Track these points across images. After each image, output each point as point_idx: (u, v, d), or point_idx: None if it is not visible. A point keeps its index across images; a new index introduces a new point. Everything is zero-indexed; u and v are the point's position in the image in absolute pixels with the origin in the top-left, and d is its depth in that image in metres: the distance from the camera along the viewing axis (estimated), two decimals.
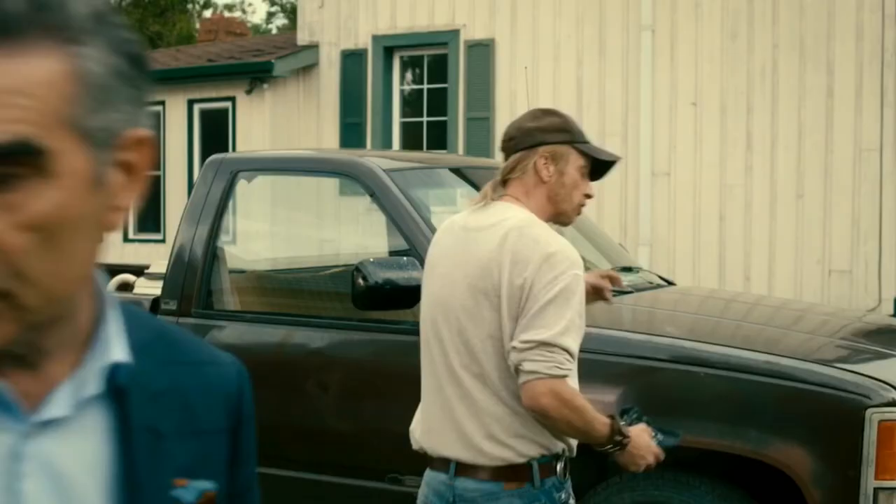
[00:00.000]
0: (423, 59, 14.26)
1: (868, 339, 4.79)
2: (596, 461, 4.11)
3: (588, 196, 3.39)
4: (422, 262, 4.42)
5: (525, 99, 12.89)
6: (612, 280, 3.86)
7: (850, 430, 3.86)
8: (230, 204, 5.14)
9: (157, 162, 15.43)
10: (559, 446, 3.19)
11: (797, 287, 11.69)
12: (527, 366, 3.02)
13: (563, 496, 3.20)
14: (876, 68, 11.46)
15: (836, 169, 11.65)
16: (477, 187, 5.38)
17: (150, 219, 15.56)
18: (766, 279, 11.84)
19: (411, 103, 14.50)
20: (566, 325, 3.03)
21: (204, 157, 14.19)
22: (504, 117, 13.27)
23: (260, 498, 1.41)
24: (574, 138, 3.34)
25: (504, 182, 3.34)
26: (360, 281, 4.28)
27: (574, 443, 3.24)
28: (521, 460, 3.14)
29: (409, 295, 4.35)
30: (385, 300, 4.30)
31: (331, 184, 5.47)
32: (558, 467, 3.19)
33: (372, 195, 4.75)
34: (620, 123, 12.64)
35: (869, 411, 3.84)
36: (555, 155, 3.30)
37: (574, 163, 3.32)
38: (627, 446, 3.20)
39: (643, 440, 3.25)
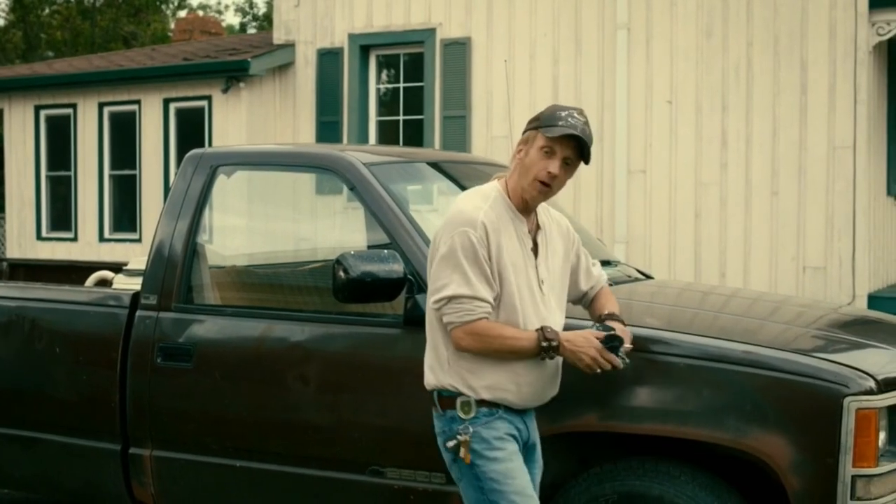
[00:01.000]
0: (399, 58, 14.27)
1: (844, 330, 4.83)
2: (577, 453, 4.15)
3: (549, 173, 3.84)
4: (402, 255, 4.46)
5: (505, 92, 12.92)
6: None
7: (828, 418, 3.88)
8: (210, 199, 5.14)
9: (133, 161, 15.39)
10: (460, 388, 3.81)
11: (772, 284, 11.76)
12: (445, 319, 3.79)
13: (459, 429, 3.78)
14: (849, 66, 11.55)
15: (810, 166, 11.72)
16: (455, 181, 5.42)
17: (126, 218, 15.51)
18: (742, 276, 11.90)
19: (387, 102, 14.51)
20: (462, 277, 3.73)
21: (180, 156, 14.18)
22: (480, 115, 13.31)
23: None
24: (540, 124, 3.88)
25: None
26: (341, 273, 4.28)
27: (479, 390, 3.79)
28: (430, 388, 3.92)
29: (390, 287, 4.37)
30: (366, 293, 4.31)
31: (311, 179, 5.46)
32: (458, 403, 3.80)
33: (352, 189, 4.76)
34: (596, 121, 12.66)
35: (847, 400, 3.87)
36: (526, 140, 3.92)
37: (537, 143, 3.87)
38: (560, 348, 3.80)
39: (580, 338, 3.82)
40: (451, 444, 3.81)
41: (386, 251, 4.41)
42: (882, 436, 3.97)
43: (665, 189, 12.32)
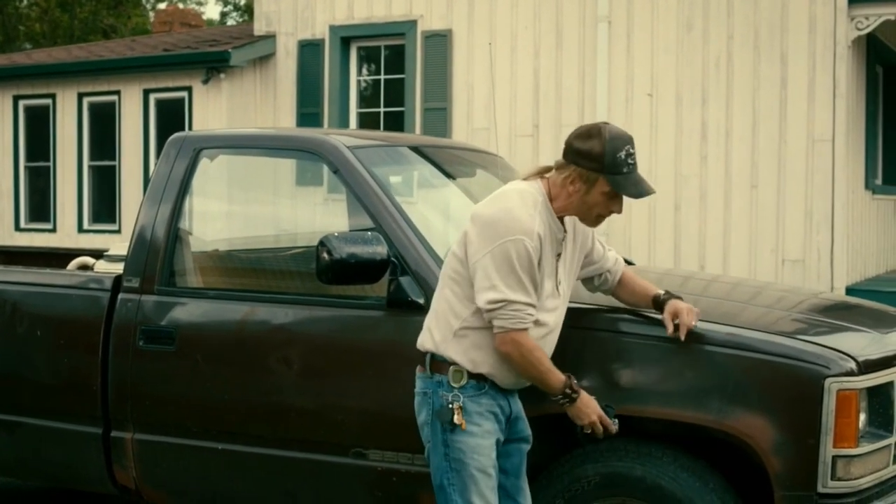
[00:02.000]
0: (380, 50, 14.27)
1: (825, 314, 4.85)
2: (560, 434, 4.17)
3: (612, 213, 3.94)
4: (386, 238, 4.47)
5: (486, 84, 12.92)
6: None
7: (809, 399, 3.90)
8: (193, 182, 5.13)
9: (113, 152, 15.34)
10: (459, 360, 3.87)
11: (751, 275, 11.80)
12: (497, 322, 3.81)
13: (448, 396, 3.86)
14: (828, 60, 11.60)
15: (790, 159, 11.77)
16: (438, 165, 5.43)
17: (106, 209, 15.46)
18: (721, 268, 11.95)
19: (368, 94, 14.50)
20: (518, 283, 3.78)
21: (160, 147, 14.10)
22: (461, 107, 13.31)
23: None
24: (604, 168, 3.82)
25: (550, 169, 4.00)
26: (325, 255, 4.28)
27: (478, 364, 3.87)
28: (423, 349, 3.96)
29: (374, 269, 4.37)
30: (349, 274, 4.31)
31: (295, 163, 5.46)
32: (450, 371, 3.88)
33: (336, 172, 4.75)
34: (577, 114, 12.70)
35: (828, 381, 3.89)
36: (583, 177, 3.86)
37: (600, 187, 3.86)
38: (576, 402, 3.90)
39: (592, 403, 3.93)
40: (443, 413, 3.85)
41: (370, 233, 4.41)
42: (862, 417, 3.99)
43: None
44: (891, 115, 14.06)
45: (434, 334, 3.95)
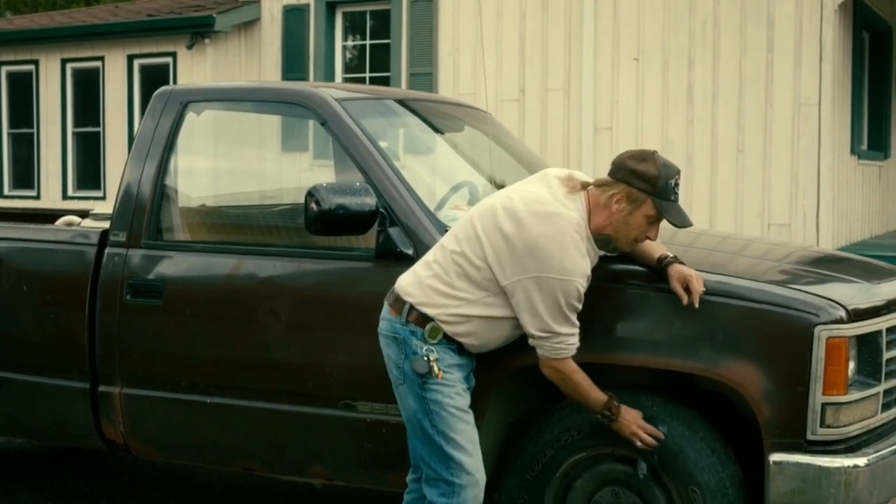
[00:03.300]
0: (365, 15, 14.20)
1: (813, 265, 4.86)
2: (550, 385, 4.16)
3: (647, 238, 4.02)
4: (375, 189, 4.45)
5: (472, 49, 12.87)
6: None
7: (799, 347, 3.90)
8: (179, 137, 5.09)
9: (97, 118, 15.26)
10: (435, 315, 3.93)
11: None
12: (541, 352, 3.93)
13: (421, 348, 3.93)
14: (815, 24, 11.58)
15: (776, 123, 11.77)
16: (424, 119, 5.41)
17: (90, 176, 15.39)
18: None
19: (354, 59, 14.44)
20: (564, 318, 3.86)
21: (144, 114, 14.06)
22: (447, 72, 13.27)
23: None
24: (656, 193, 3.89)
25: (591, 185, 3.99)
26: (313, 205, 4.26)
27: (457, 334, 3.95)
28: (405, 298, 3.99)
29: (362, 220, 4.35)
30: (338, 225, 4.30)
31: (282, 116, 5.42)
32: (427, 327, 3.93)
33: (323, 124, 4.73)
34: (563, 79, 12.67)
35: (818, 329, 3.89)
36: (630, 196, 3.91)
37: (645, 210, 3.93)
38: (616, 420, 4.01)
39: (631, 416, 4.04)
40: (419, 365, 3.95)
41: (358, 183, 4.39)
42: (851, 365, 4.00)
43: (631, 146, 12.25)
44: (876, 81, 14.06)
45: (422, 290, 3.98)
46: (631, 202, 3.91)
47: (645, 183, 3.89)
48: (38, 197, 15.66)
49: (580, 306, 3.89)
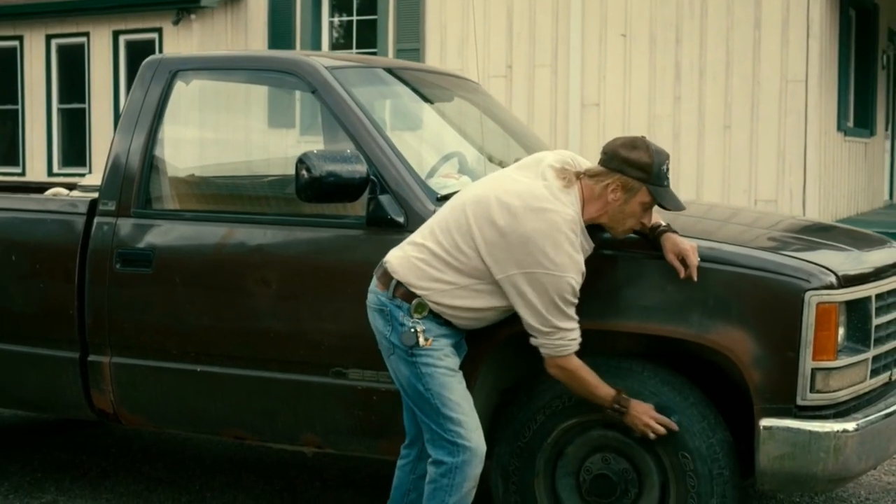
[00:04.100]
0: None
1: (802, 232, 4.87)
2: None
3: (643, 225, 4.05)
4: (365, 157, 4.44)
5: (458, 26, 12.84)
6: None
7: (789, 312, 3.92)
8: (168, 106, 5.07)
9: (82, 95, 15.19)
10: (420, 291, 3.94)
11: None
12: (544, 350, 3.94)
13: (407, 321, 3.96)
14: (802, 1, 11.58)
15: (763, 100, 11.79)
16: (414, 88, 5.40)
17: (75, 153, 15.34)
18: None
19: (340, 35, 14.39)
20: (562, 314, 3.86)
21: (130, 90, 14.00)
22: (434, 49, 13.25)
23: None
24: (650, 180, 3.91)
25: (584, 175, 3.97)
26: (304, 172, 4.25)
27: (442, 312, 3.96)
28: (393, 274, 3.98)
29: (353, 187, 4.34)
30: (329, 192, 4.29)
31: (272, 85, 5.40)
32: (413, 303, 3.95)
33: (313, 92, 4.72)
34: (550, 55, 12.66)
35: (808, 294, 3.91)
36: (626, 185, 3.91)
37: (640, 198, 3.93)
38: (626, 413, 4.01)
39: (642, 408, 4.03)
40: (406, 336, 3.97)
41: (349, 150, 4.38)
42: (841, 331, 4.01)
43: (618, 122, 12.34)
44: (862, 59, 14.09)
45: (410, 270, 3.99)
46: (626, 191, 3.92)
47: (639, 171, 3.90)
48: (23, 174, 15.61)
49: (576, 301, 3.89)
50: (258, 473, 5.91)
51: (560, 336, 3.88)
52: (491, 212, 3.88)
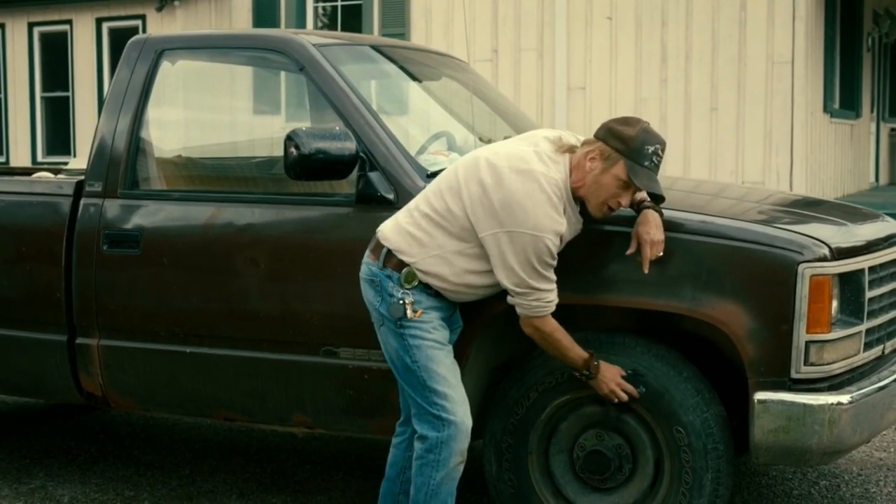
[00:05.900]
0: None
1: (792, 206, 4.86)
2: None
3: (619, 204, 3.95)
4: (354, 134, 4.40)
5: (444, 10, 12.79)
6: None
7: (782, 285, 3.90)
8: (154, 86, 5.03)
9: (66, 83, 15.11)
10: (411, 263, 3.94)
11: None
12: (520, 310, 3.93)
13: (396, 292, 3.95)
14: None
15: (749, 82, 11.78)
16: (402, 66, 5.36)
17: (59, 141, 15.26)
18: None
19: (325, 20, 14.34)
20: (538, 275, 3.85)
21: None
22: (419, 33, 13.20)
23: None
24: (628, 154, 3.87)
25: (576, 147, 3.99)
26: (293, 150, 4.21)
27: (431, 283, 3.96)
28: (384, 242, 4.00)
29: (343, 165, 4.31)
30: (318, 170, 4.25)
31: (259, 65, 5.36)
32: (403, 272, 3.95)
33: (301, 70, 4.68)
34: (536, 38, 12.63)
35: (801, 266, 3.89)
36: (604, 154, 3.89)
37: (616, 171, 3.88)
38: (595, 377, 4.04)
39: (610, 373, 4.07)
40: (395, 308, 3.97)
41: (338, 128, 4.35)
42: (835, 303, 3.99)
43: (605, 105, 12.32)
44: (847, 41, 14.10)
45: (401, 237, 3.99)
46: (603, 160, 3.88)
47: (619, 142, 3.88)
48: (6, 163, 15.51)
49: (554, 263, 3.86)
50: (248, 457, 5.88)
51: (536, 297, 3.87)
52: (479, 170, 3.89)
